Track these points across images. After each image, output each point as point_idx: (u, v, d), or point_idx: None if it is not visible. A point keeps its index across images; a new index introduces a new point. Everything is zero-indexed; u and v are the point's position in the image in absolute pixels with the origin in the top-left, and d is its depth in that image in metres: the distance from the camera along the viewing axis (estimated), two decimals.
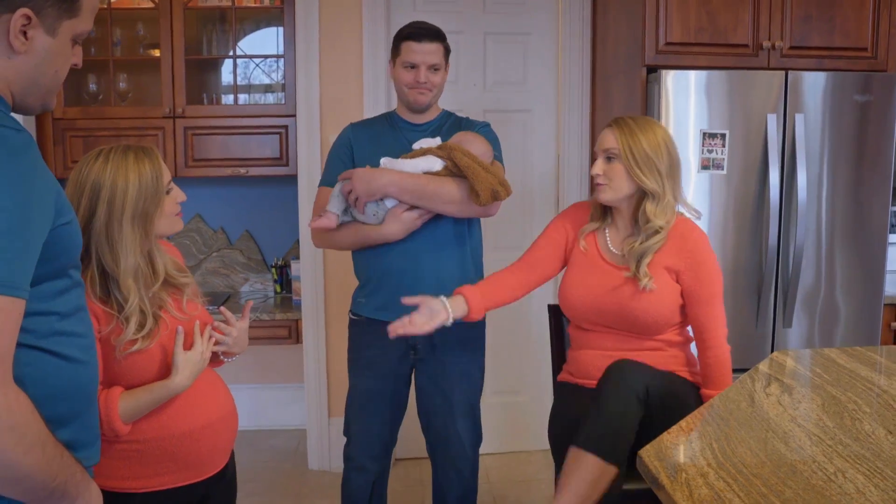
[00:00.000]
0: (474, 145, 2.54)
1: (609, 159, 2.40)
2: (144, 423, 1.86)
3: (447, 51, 2.71)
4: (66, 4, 1.33)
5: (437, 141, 2.61)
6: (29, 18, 1.29)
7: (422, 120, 2.76)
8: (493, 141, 2.70)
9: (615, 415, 2.17)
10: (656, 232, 2.38)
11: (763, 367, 2.30)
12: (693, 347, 2.50)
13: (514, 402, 4.14)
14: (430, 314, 2.37)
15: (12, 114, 1.37)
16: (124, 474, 1.85)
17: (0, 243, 1.18)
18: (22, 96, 1.35)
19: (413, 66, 2.65)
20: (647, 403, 2.20)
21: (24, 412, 1.23)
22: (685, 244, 2.40)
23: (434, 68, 2.65)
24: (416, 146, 2.61)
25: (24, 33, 1.29)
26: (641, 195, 2.41)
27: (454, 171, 2.50)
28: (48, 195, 1.28)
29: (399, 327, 2.34)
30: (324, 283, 3.88)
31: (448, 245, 2.66)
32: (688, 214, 2.51)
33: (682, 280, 2.40)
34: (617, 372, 2.25)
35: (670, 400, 2.25)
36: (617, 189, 2.40)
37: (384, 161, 2.56)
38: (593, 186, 2.48)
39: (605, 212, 2.54)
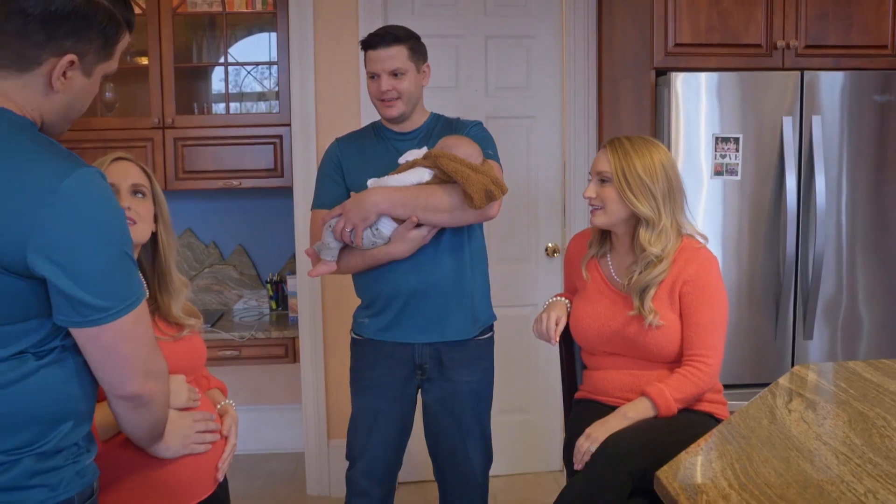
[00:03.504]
0: (459, 148, 2.45)
1: (603, 182, 2.38)
2: (121, 446, 1.80)
3: (414, 52, 2.58)
4: (105, 51, 1.48)
5: (424, 151, 2.54)
6: (73, 63, 1.43)
7: (408, 128, 2.66)
8: (486, 139, 2.61)
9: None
10: (655, 261, 2.32)
11: (784, 381, 2.27)
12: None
13: (522, 422, 4.05)
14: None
15: None
16: (101, 501, 1.77)
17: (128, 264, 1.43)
18: (49, 126, 1.49)
19: (375, 77, 2.56)
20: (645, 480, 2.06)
21: (163, 389, 1.59)
22: (690, 265, 2.34)
23: (396, 74, 2.54)
24: (401, 160, 2.53)
25: (64, 74, 1.43)
26: (637, 220, 2.37)
27: (445, 178, 2.42)
28: None
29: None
30: (321, 299, 3.82)
31: (444, 256, 2.57)
32: (699, 238, 2.45)
33: (682, 300, 2.34)
34: (613, 448, 2.15)
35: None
36: (611, 213, 2.38)
37: (371, 182, 2.49)
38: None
39: (603, 236, 2.52)
